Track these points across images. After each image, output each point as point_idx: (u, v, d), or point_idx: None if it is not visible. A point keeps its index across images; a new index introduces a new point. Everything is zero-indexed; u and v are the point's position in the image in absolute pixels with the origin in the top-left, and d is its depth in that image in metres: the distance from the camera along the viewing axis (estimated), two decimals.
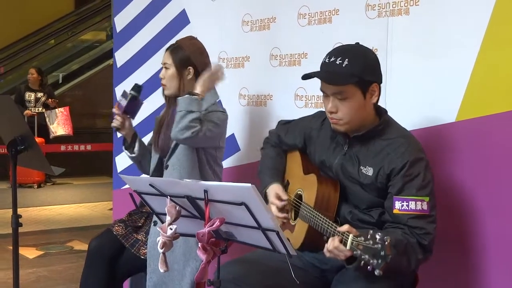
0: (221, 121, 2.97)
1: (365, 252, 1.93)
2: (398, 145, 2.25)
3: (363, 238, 1.95)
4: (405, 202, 2.18)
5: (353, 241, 1.97)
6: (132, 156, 3.15)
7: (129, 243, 2.99)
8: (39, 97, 9.59)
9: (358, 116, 2.28)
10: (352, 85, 2.24)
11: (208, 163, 3.01)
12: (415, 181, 2.19)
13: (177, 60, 2.99)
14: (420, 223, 2.17)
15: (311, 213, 2.31)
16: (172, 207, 2.01)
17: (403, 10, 2.69)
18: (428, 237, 2.18)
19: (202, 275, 2.00)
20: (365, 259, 1.93)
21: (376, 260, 1.91)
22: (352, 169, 2.33)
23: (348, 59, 2.22)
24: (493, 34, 2.37)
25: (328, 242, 2.09)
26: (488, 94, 2.40)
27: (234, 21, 3.61)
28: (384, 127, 2.32)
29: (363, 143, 2.33)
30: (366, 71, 2.25)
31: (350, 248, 1.98)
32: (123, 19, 4.57)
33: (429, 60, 2.60)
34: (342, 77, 2.22)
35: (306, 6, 3.17)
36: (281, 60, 3.32)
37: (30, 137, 2.89)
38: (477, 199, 2.44)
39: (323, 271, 2.44)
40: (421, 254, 2.17)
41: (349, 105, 2.26)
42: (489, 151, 2.40)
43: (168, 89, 3.02)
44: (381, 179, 2.25)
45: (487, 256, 2.42)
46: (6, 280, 4.67)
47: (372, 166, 2.28)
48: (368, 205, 2.32)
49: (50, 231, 6.79)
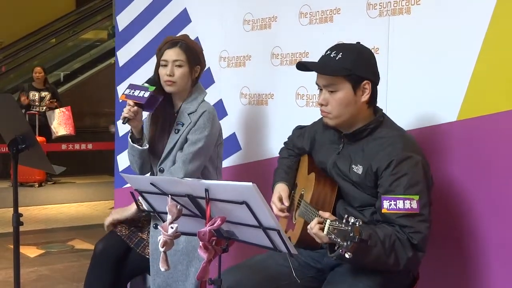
0: (210, 121, 2.95)
1: (338, 236, 1.94)
2: (387, 144, 2.26)
3: (337, 222, 1.96)
4: (393, 201, 2.18)
5: (330, 226, 1.98)
6: (143, 149, 2.97)
7: (134, 243, 2.98)
8: (43, 96, 9.58)
9: (348, 111, 2.30)
10: (342, 78, 2.27)
11: (210, 161, 3.02)
12: (402, 180, 2.18)
13: (190, 58, 2.96)
14: (409, 222, 2.16)
15: (306, 208, 2.33)
16: (173, 206, 2.01)
17: (404, 10, 2.69)
18: (418, 236, 2.16)
19: (204, 273, 2.00)
20: (338, 242, 1.94)
21: (346, 242, 1.91)
22: (344, 167, 2.35)
23: (342, 53, 2.28)
24: (494, 33, 2.37)
25: (311, 224, 2.09)
26: (489, 93, 2.40)
27: (235, 20, 3.61)
28: (376, 126, 2.32)
29: (355, 141, 2.35)
30: (358, 66, 2.27)
31: (327, 233, 1.99)
32: (125, 18, 4.58)
33: (430, 59, 2.60)
34: (333, 68, 2.27)
35: (307, 5, 3.17)
36: (282, 59, 3.33)
37: (31, 136, 2.89)
38: (478, 199, 2.44)
39: (318, 270, 2.45)
40: (410, 252, 2.15)
41: (338, 99, 2.29)
42: (490, 150, 2.40)
43: (177, 86, 2.96)
44: (369, 177, 2.26)
45: (487, 256, 2.42)
46: (7, 279, 4.67)
47: (362, 165, 2.29)
48: (361, 204, 2.32)
49: (51, 230, 6.79)
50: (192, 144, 2.92)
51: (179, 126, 2.97)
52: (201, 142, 2.92)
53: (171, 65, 2.93)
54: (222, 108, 3.66)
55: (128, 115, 2.85)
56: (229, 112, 3.66)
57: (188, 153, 2.91)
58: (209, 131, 2.94)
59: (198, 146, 2.91)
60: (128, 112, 2.85)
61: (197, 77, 3.03)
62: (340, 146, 2.40)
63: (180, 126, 2.97)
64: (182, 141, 2.95)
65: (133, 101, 2.86)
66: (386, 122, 2.36)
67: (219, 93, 3.70)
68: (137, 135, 2.96)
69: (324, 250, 2.38)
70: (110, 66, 10.74)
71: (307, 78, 3.17)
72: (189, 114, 2.96)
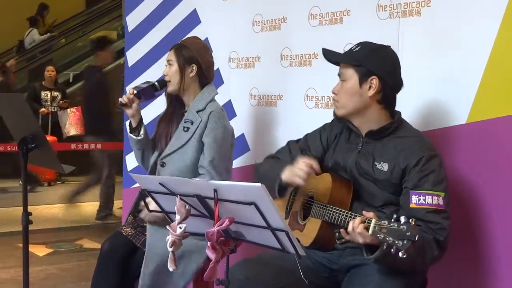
0: (221, 120, 2.99)
1: (389, 234, 1.93)
2: (412, 143, 2.29)
3: (386, 221, 1.96)
4: (422, 196, 2.20)
5: (376, 225, 1.97)
6: (138, 139, 3.10)
7: (140, 242, 2.99)
8: (55, 96, 9.61)
9: (353, 102, 2.36)
10: (352, 69, 2.35)
11: None
12: (430, 176, 2.21)
13: (180, 56, 3.02)
14: (437, 218, 2.18)
15: (325, 208, 2.32)
16: (181, 206, 2.01)
17: (414, 11, 2.68)
18: (443, 233, 2.18)
19: (211, 274, 2.00)
20: (389, 241, 1.92)
21: (401, 241, 1.90)
22: (366, 166, 2.35)
23: (361, 47, 2.37)
24: (504, 35, 2.36)
25: (355, 222, 2.06)
26: (500, 96, 2.39)
27: (245, 21, 3.62)
28: (398, 126, 2.36)
29: (377, 140, 2.37)
30: (369, 60, 2.33)
31: (372, 233, 1.98)
32: (135, 19, 4.59)
33: (440, 61, 2.60)
34: (344, 56, 2.42)
35: (317, 6, 3.17)
36: (292, 60, 3.32)
37: (41, 135, 2.90)
38: (487, 201, 2.43)
39: (332, 271, 2.44)
40: (436, 251, 2.17)
41: (345, 88, 2.37)
42: (500, 152, 2.39)
43: (171, 86, 3.04)
44: (396, 174, 2.27)
45: (497, 257, 2.41)
46: (16, 277, 4.68)
47: (387, 162, 2.30)
48: (382, 203, 2.33)
49: (60, 229, 6.81)
50: (210, 147, 2.96)
51: (188, 124, 3.00)
52: (217, 143, 2.96)
53: (167, 65, 3.07)
54: (231, 109, 3.66)
55: (122, 100, 3.05)
56: (238, 113, 3.67)
57: (210, 155, 2.95)
58: (222, 130, 2.98)
59: (216, 147, 2.96)
60: (124, 97, 3.05)
61: (200, 76, 3.05)
62: (359, 144, 2.41)
63: (189, 124, 3.00)
64: (196, 143, 2.98)
65: (132, 89, 3.05)
66: (405, 124, 2.41)
67: (228, 94, 3.71)
68: (133, 124, 3.10)
69: (339, 251, 2.38)
70: (119, 66, 10.74)
71: (316, 79, 3.17)
72: (197, 112, 3.00)
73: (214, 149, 2.95)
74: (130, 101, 3.03)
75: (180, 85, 3.02)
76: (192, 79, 3.03)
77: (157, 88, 3.05)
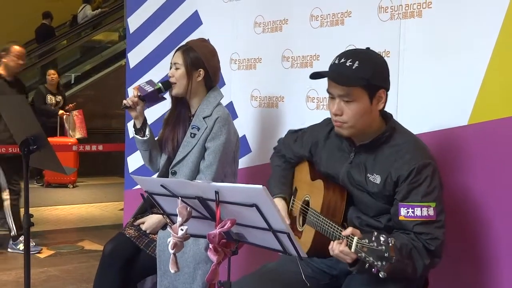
0: (225, 127, 3.00)
1: (369, 254, 1.93)
2: (405, 152, 2.22)
3: (367, 240, 1.95)
4: (410, 208, 2.16)
5: (358, 244, 1.97)
6: (144, 140, 3.08)
7: (144, 244, 2.99)
8: (58, 101, 9.64)
9: (363, 120, 2.25)
10: (359, 88, 2.20)
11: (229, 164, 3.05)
12: (421, 188, 2.16)
13: (188, 61, 3.00)
14: (427, 229, 2.15)
15: (317, 218, 2.30)
16: (183, 208, 2.01)
17: (415, 13, 2.68)
18: (435, 242, 2.15)
19: (213, 276, 1.99)
20: (369, 261, 1.93)
21: (381, 262, 1.90)
22: (359, 177, 2.30)
23: (359, 62, 2.19)
24: (506, 37, 2.36)
25: (333, 245, 2.08)
26: (501, 97, 2.39)
27: (246, 23, 3.62)
28: (390, 134, 2.28)
29: (370, 151, 2.30)
30: (375, 75, 2.21)
31: (355, 251, 1.98)
32: (136, 20, 4.59)
33: (442, 62, 2.59)
34: (351, 78, 2.19)
35: (318, 8, 3.16)
36: (293, 61, 3.32)
37: (42, 137, 2.90)
38: (489, 203, 2.43)
39: (332, 277, 2.43)
40: (428, 259, 2.14)
41: (355, 108, 2.22)
42: (501, 154, 2.39)
43: (177, 88, 3.03)
44: (388, 186, 2.23)
45: (499, 261, 2.41)
46: (17, 279, 4.69)
47: (380, 174, 2.25)
48: (377, 213, 2.30)
49: (61, 230, 6.81)
50: (212, 152, 2.98)
51: (195, 130, 3.01)
52: (219, 149, 2.98)
53: (173, 67, 3.05)
54: (233, 110, 3.66)
55: (126, 103, 3.04)
56: (239, 114, 3.67)
57: (209, 161, 2.98)
58: (225, 137, 2.99)
59: (217, 153, 2.98)
60: (129, 100, 3.03)
61: (207, 81, 3.04)
62: (351, 154, 2.35)
63: (195, 130, 3.01)
64: (200, 148, 2.99)
65: (138, 91, 3.04)
66: (398, 128, 2.32)
67: (230, 96, 3.71)
68: (138, 125, 3.09)
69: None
70: (121, 68, 10.77)
71: (317, 81, 3.17)
72: (204, 118, 3.00)
73: (214, 155, 2.97)
74: (134, 103, 3.02)
75: (187, 89, 3.02)
76: (199, 84, 3.03)
77: (161, 90, 3.05)
